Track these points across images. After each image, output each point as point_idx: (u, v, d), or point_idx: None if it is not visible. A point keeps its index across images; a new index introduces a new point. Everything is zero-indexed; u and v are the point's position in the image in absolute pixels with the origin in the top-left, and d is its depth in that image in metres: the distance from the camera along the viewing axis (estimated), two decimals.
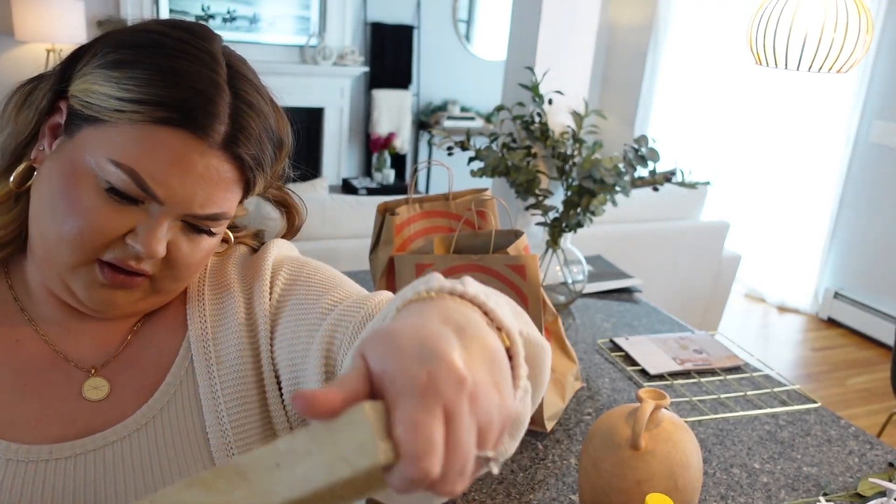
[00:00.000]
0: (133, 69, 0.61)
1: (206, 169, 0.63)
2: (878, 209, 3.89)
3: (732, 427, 1.38)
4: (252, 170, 0.67)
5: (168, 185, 0.62)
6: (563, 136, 2.12)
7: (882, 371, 3.51)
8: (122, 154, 0.61)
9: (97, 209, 0.62)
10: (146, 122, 0.60)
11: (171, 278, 0.67)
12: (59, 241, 0.63)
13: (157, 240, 0.63)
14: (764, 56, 1.96)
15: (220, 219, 0.67)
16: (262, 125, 0.67)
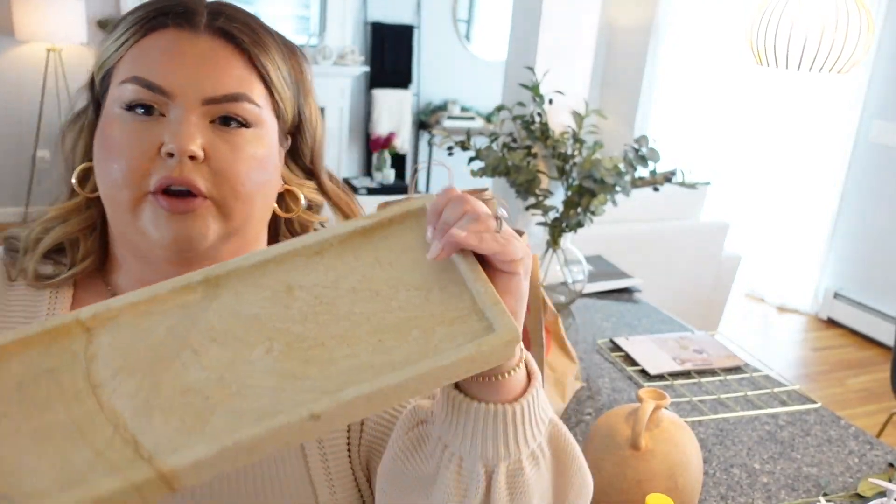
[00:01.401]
0: (122, 21, 0.67)
1: (201, 53, 0.63)
2: (878, 209, 3.89)
3: (732, 427, 1.38)
4: (250, 49, 0.66)
5: (170, 75, 0.62)
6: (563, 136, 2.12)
7: (882, 371, 3.51)
8: (125, 73, 0.63)
9: (125, 135, 0.63)
10: (137, 41, 0.64)
11: (228, 193, 0.64)
12: (113, 187, 0.63)
13: (184, 133, 0.61)
14: (764, 56, 1.96)
15: (241, 100, 0.64)
16: (250, 19, 0.68)
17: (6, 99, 4.38)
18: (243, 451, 0.45)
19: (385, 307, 0.53)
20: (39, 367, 0.50)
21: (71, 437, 0.46)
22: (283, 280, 0.55)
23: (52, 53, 4.24)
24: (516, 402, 0.55)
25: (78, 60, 4.46)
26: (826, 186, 4.04)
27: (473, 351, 0.48)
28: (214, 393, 0.48)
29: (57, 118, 4.35)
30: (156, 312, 0.53)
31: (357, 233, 0.57)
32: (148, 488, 0.44)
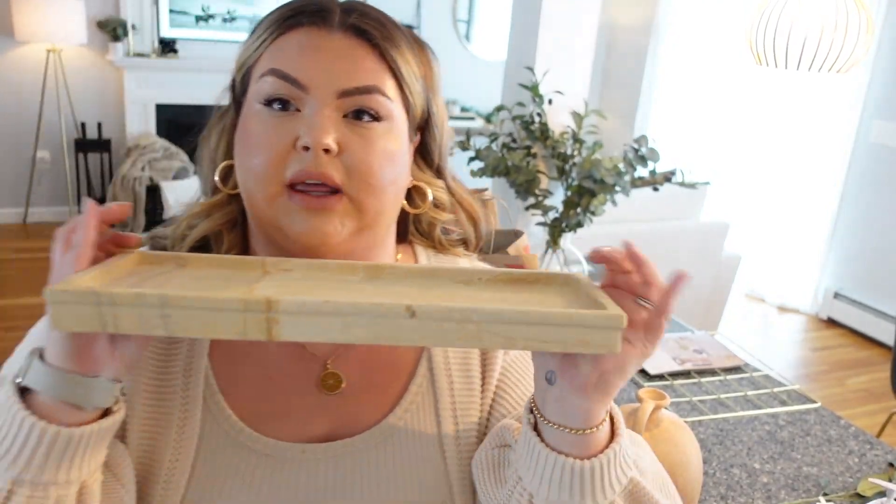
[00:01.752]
0: (260, 23, 0.71)
1: (335, 48, 0.66)
2: (878, 209, 3.89)
3: (732, 427, 1.38)
4: (381, 44, 0.67)
5: (305, 67, 0.65)
6: (563, 136, 2.12)
7: (882, 371, 3.51)
8: (263, 68, 0.67)
9: (263, 130, 0.65)
10: (274, 39, 0.67)
11: (362, 188, 0.65)
12: (252, 180, 0.66)
13: (319, 127, 0.63)
14: (764, 56, 1.96)
15: (373, 92, 0.66)
16: (382, 16, 0.70)
17: (6, 99, 4.38)
18: (339, 316, 0.51)
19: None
20: (219, 277, 0.61)
21: (221, 287, 0.58)
22: (432, 287, 0.62)
23: (52, 54, 4.24)
24: (593, 459, 0.58)
25: (78, 61, 4.46)
26: (826, 186, 4.04)
27: (576, 312, 0.52)
28: (342, 298, 0.54)
29: (57, 118, 4.35)
30: (321, 278, 0.63)
31: (502, 278, 0.65)
32: (253, 315, 0.51)
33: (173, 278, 0.60)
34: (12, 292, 3.61)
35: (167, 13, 4.64)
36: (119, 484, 0.63)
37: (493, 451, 0.67)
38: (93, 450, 0.57)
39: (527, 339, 0.52)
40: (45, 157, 4.51)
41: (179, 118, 4.83)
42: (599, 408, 0.59)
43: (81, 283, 0.52)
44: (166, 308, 0.50)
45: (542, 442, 0.60)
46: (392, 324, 0.51)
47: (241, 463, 0.68)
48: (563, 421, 0.59)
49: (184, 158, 4.54)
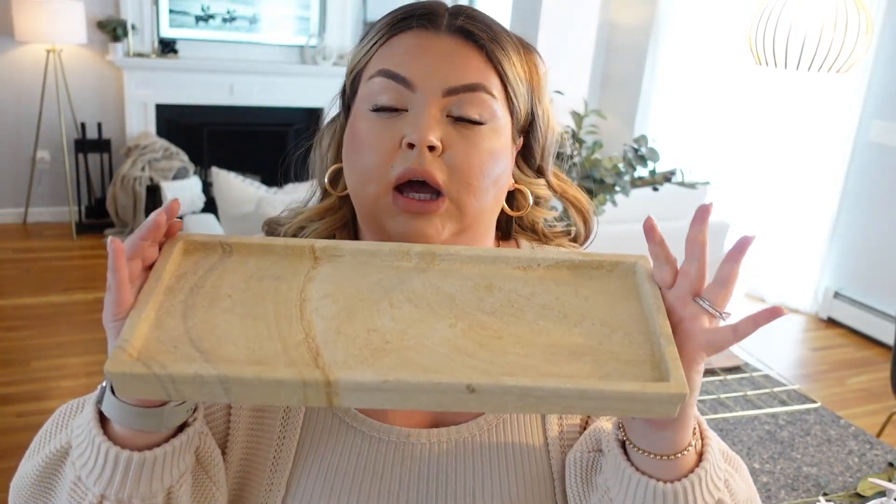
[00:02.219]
0: (370, 29, 0.72)
1: (442, 48, 0.68)
2: (878, 209, 3.89)
3: (732, 427, 1.38)
4: (487, 46, 0.69)
5: (414, 67, 0.67)
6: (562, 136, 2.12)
7: (882, 371, 3.51)
8: (373, 70, 0.69)
9: (371, 132, 0.67)
10: (384, 42, 0.69)
11: (463, 188, 0.66)
12: (359, 180, 0.68)
13: (424, 124, 0.65)
14: (764, 56, 1.96)
15: (479, 90, 0.67)
16: (488, 19, 0.71)
17: (6, 99, 4.38)
18: (398, 391, 0.51)
19: (568, 330, 0.57)
20: (269, 271, 0.61)
21: (270, 329, 0.56)
22: (486, 277, 0.62)
23: (52, 54, 4.24)
24: (677, 483, 0.59)
25: (78, 61, 4.46)
26: (826, 186, 4.04)
27: (637, 389, 0.51)
28: (395, 340, 0.56)
29: (57, 118, 4.35)
30: (373, 265, 0.62)
31: (565, 264, 0.63)
32: (312, 389, 0.51)
33: (224, 281, 0.59)
34: (12, 292, 3.61)
35: (167, 13, 4.64)
36: (211, 482, 0.66)
37: (588, 455, 0.68)
38: (171, 464, 0.59)
39: (584, 409, 0.53)
40: (45, 157, 4.51)
41: (179, 118, 4.83)
42: (682, 435, 0.59)
43: (135, 346, 0.53)
44: (226, 384, 0.51)
45: (629, 461, 0.61)
46: (452, 399, 0.52)
47: (346, 444, 0.70)
48: (647, 447, 0.60)
49: (183, 158, 4.54)
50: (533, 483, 0.71)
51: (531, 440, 0.73)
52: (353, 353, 0.54)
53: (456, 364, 0.53)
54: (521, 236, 0.82)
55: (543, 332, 0.57)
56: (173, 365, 0.52)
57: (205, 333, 0.55)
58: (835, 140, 3.96)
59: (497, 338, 0.56)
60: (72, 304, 3.52)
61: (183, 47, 4.72)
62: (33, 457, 0.64)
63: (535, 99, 0.74)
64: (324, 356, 0.53)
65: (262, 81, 4.87)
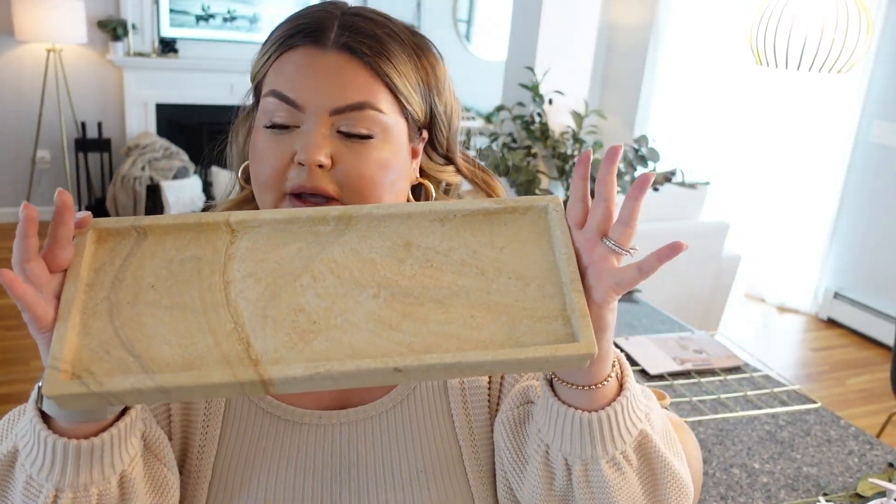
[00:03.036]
0: (267, 39, 0.75)
1: (328, 67, 0.69)
2: (878, 209, 3.89)
3: (732, 427, 1.38)
4: (374, 59, 0.70)
5: (300, 88, 0.69)
6: (563, 136, 2.13)
7: (882, 371, 3.51)
8: (267, 87, 0.72)
9: (265, 147, 0.71)
10: (276, 57, 0.72)
11: (355, 196, 0.70)
12: (258, 188, 0.72)
13: (311, 145, 0.68)
14: (764, 56, 1.96)
15: (365, 108, 0.69)
16: (378, 27, 0.72)
17: (6, 99, 4.38)
18: (330, 379, 0.54)
19: (485, 287, 0.59)
20: (188, 252, 0.60)
21: (199, 320, 0.56)
22: (404, 235, 0.62)
23: (52, 53, 4.24)
24: (601, 411, 0.63)
25: (78, 60, 4.46)
26: (826, 186, 4.04)
27: (549, 353, 0.55)
28: (321, 319, 0.57)
29: (57, 118, 4.35)
30: (291, 231, 0.62)
31: (480, 213, 0.64)
32: (249, 387, 0.53)
33: (144, 269, 0.58)
34: None
35: (167, 13, 4.64)
36: (161, 464, 0.68)
37: (518, 409, 0.72)
38: (119, 447, 0.61)
39: (502, 372, 0.59)
40: (45, 157, 4.51)
41: (179, 118, 4.83)
42: (600, 367, 0.62)
43: (66, 361, 0.53)
44: (166, 392, 0.53)
45: (556, 396, 0.65)
46: (381, 378, 0.54)
47: (264, 429, 0.75)
48: (569, 378, 0.63)
49: (184, 158, 4.55)
50: (441, 448, 0.76)
51: (436, 407, 0.77)
52: (283, 340, 0.55)
53: (382, 341, 0.55)
54: None
55: (462, 292, 0.59)
56: (109, 380, 0.52)
57: (134, 333, 0.55)
58: (835, 140, 3.96)
59: (419, 305, 0.58)
60: None
61: (183, 47, 4.72)
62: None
63: (433, 97, 0.76)
64: (255, 346, 0.55)
65: None
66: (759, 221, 4.33)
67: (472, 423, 0.77)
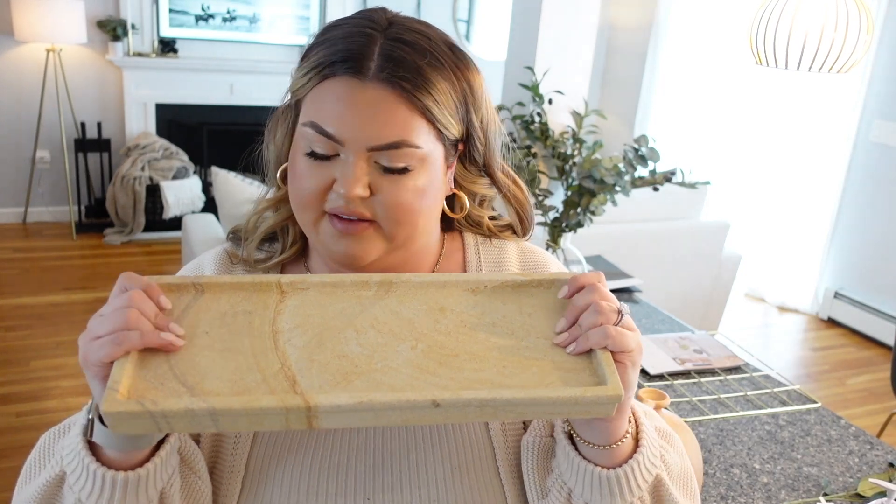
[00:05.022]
0: (312, 50, 0.75)
1: (369, 101, 0.70)
2: (878, 209, 3.89)
3: (732, 427, 1.38)
4: (414, 93, 0.71)
5: (341, 123, 0.70)
6: (563, 135, 2.13)
7: (882, 371, 3.51)
8: (307, 115, 0.73)
9: (306, 171, 0.73)
10: (317, 83, 0.72)
11: (391, 221, 0.73)
12: (297, 205, 0.75)
13: (352, 179, 0.70)
14: (764, 56, 1.96)
15: (402, 146, 0.71)
16: (420, 57, 0.72)
17: (6, 99, 4.38)
18: (371, 411, 0.57)
19: (516, 344, 0.64)
20: (240, 307, 0.66)
21: (248, 361, 0.61)
22: (439, 301, 0.68)
23: (52, 53, 4.24)
24: (618, 469, 0.67)
25: (78, 60, 4.46)
26: (826, 186, 4.04)
27: (579, 394, 0.59)
28: (363, 364, 0.61)
29: (57, 118, 4.35)
30: (336, 295, 0.68)
31: (509, 285, 0.70)
32: (294, 414, 0.56)
33: (199, 319, 0.64)
34: (12, 292, 3.61)
35: (167, 13, 4.64)
36: (196, 476, 0.71)
37: (544, 440, 0.75)
38: (162, 471, 0.65)
39: (536, 414, 0.60)
40: (45, 157, 4.51)
41: (179, 118, 4.83)
42: (617, 426, 0.67)
43: (124, 386, 0.57)
44: (215, 416, 0.56)
45: (576, 450, 0.69)
46: (420, 413, 0.58)
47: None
48: (589, 438, 0.68)
49: (183, 158, 4.54)
50: (474, 447, 0.77)
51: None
52: (327, 379, 0.59)
53: (420, 382, 0.60)
54: (467, 230, 0.88)
55: (494, 348, 0.64)
56: (164, 401, 0.56)
57: (188, 369, 0.59)
58: (835, 140, 3.96)
59: (454, 356, 0.63)
60: (71, 304, 3.52)
61: (183, 47, 4.72)
62: (27, 485, 0.69)
63: (470, 115, 0.77)
64: (300, 383, 0.59)
65: (263, 81, 4.87)
66: (760, 221, 4.33)
67: (505, 424, 0.79)
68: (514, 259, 0.87)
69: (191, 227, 2.93)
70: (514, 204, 0.86)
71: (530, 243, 0.91)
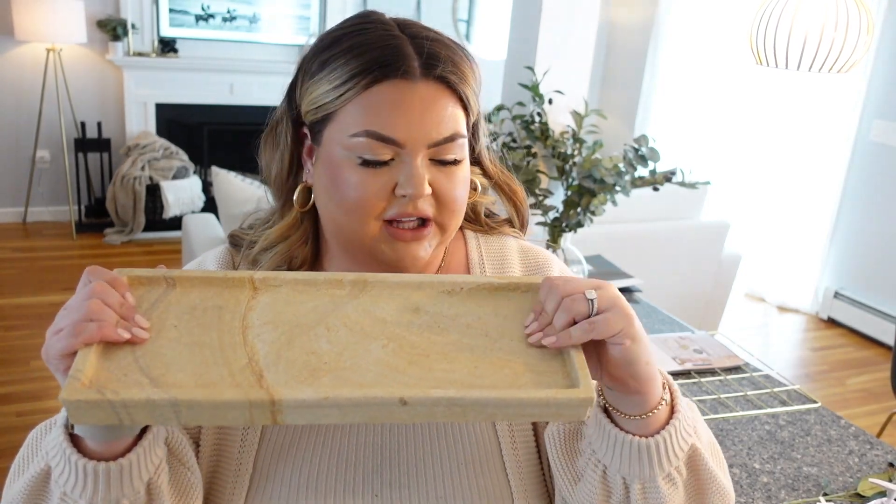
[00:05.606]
0: (332, 62, 0.73)
1: (422, 99, 0.72)
2: (878, 209, 3.89)
3: (732, 427, 1.38)
4: (457, 85, 0.74)
5: (400, 126, 0.71)
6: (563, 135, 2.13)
7: (882, 371, 3.51)
8: (356, 126, 0.72)
9: (362, 182, 0.72)
10: (360, 92, 0.72)
11: (448, 213, 0.75)
12: (348, 217, 0.74)
13: (419, 178, 0.71)
14: (764, 56, 1.96)
15: (456, 138, 0.74)
16: (450, 51, 0.75)
17: (6, 99, 4.38)
18: (337, 407, 0.55)
19: (489, 346, 0.63)
20: (211, 301, 0.65)
21: (215, 356, 0.60)
22: (414, 301, 0.67)
23: (52, 53, 4.24)
24: (656, 436, 0.66)
25: (78, 60, 4.46)
26: (826, 186, 4.04)
27: (549, 396, 0.57)
28: (332, 361, 0.60)
29: (57, 118, 4.35)
30: (309, 293, 0.67)
31: (485, 287, 0.69)
32: (257, 409, 0.55)
33: (169, 313, 0.63)
34: (12, 292, 3.61)
35: (167, 12, 4.64)
36: (185, 468, 0.71)
37: (568, 425, 0.74)
38: (146, 461, 0.64)
39: (506, 415, 0.59)
40: (45, 157, 4.51)
41: (179, 118, 4.83)
42: (651, 397, 0.66)
43: (87, 375, 0.55)
44: (177, 407, 0.54)
45: (611, 421, 0.68)
46: (386, 411, 0.56)
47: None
48: (622, 408, 0.67)
49: (183, 158, 4.54)
50: (480, 443, 0.77)
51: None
52: (294, 375, 0.58)
53: (388, 380, 0.58)
54: (467, 227, 0.89)
55: (467, 348, 0.63)
56: (125, 391, 0.55)
57: (153, 361, 0.58)
58: (835, 140, 3.96)
59: (425, 356, 0.61)
60: None
61: (183, 46, 4.72)
62: (16, 481, 0.69)
63: (478, 100, 0.80)
64: (267, 378, 0.57)
65: (263, 81, 4.87)
66: (760, 221, 4.33)
67: (514, 433, 0.78)
68: (515, 257, 0.87)
69: (191, 227, 2.93)
70: (508, 194, 0.88)
71: (530, 242, 0.92)
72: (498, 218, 0.90)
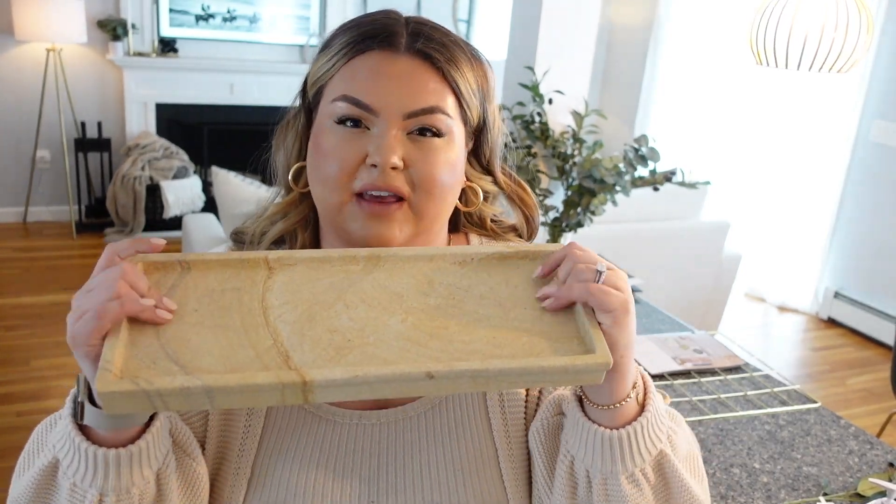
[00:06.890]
0: (332, 41, 0.76)
1: (401, 71, 0.72)
2: (878, 209, 3.89)
3: (732, 427, 1.38)
4: (444, 66, 0.74)
5: (375, 93, 0.71)
6: (563, 135, 2.13)
7: (882, 371, 3.51)
8: (337, 91, 0.73)
9: (336, 145, 0.72)
10: (346, 62, 0.73)
11: (423, 193, 0.73)
12: (323, 187, 0.73)
13: (387, 147, 0.70)
14: (764, 56, 1.96)
15: (436, 112, 0.73)
16: (444, 35, 0.76)
17: (6, 98, 4.38)
18: (366, 384, 0.57)
19: (504, 315, 0.65)
20: (228, 284, 0.65)
21: (239, 338, 0.60)
22: (427, 274, 0.68)
23: (52, 53, 4.24)
24: (621, 430, 0.67)
25: (78, 60, 4.46)
26: (826, 186, 4.04)
27: (568, 363, 0.59)
28: (355, 337, 0.61)
29: (57, 118, 4.35)
30: (324, 270, 0.67)
31: (496, 257, 0.70)
32: (290, 390, 0.56)
33: (187, 297, 0.63)
34: (12, 292, 3.61)
35: (167, 12, 4.64)
36: (191, 458, 0.71)
37: (552, 419, 0.74)
38: (155, 449, 0.65)
39: (527, 383, 0.61)
40: (45, 157, 4.51)
41: (179, 117, 4.83)
42: (620, 387, 0.66)
43: (116, 366, 0.56)
44: (211, 394, 0.55)
45: (582, 412, 0.69)
46: (413, 385, 0.58)
47: (304, 427, 0.77)
48: (593, 397, 0.68)
49: (183, 158, 4.54)
50: (477, 450, 0.77)
51: (474, 409, 0.79)
52: (320, 353, 0.59)
53: (412, 355, 0.60)
54: (471, 231, 0.88)
55: (483, 319, 0.64)
56: (159, 380, 0.55)
57: (180, 347, 0.59)
58: (835, 140, 3.96)
59: (444, 328, 0.63)
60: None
61: (183, 46, 4.72)
62: (22, 476, 0.69)
63: (486, 104, 0.80)
64: (294, 358, 0.58)
65: (263, 81, 4.87)
66: (760, 221, 4.33)
67: (508, 426, 0.78)
68: None
69: (191, 227, 2.93)
70: (520, 206, 0.87)
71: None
72: (504, 224, 0.89)
